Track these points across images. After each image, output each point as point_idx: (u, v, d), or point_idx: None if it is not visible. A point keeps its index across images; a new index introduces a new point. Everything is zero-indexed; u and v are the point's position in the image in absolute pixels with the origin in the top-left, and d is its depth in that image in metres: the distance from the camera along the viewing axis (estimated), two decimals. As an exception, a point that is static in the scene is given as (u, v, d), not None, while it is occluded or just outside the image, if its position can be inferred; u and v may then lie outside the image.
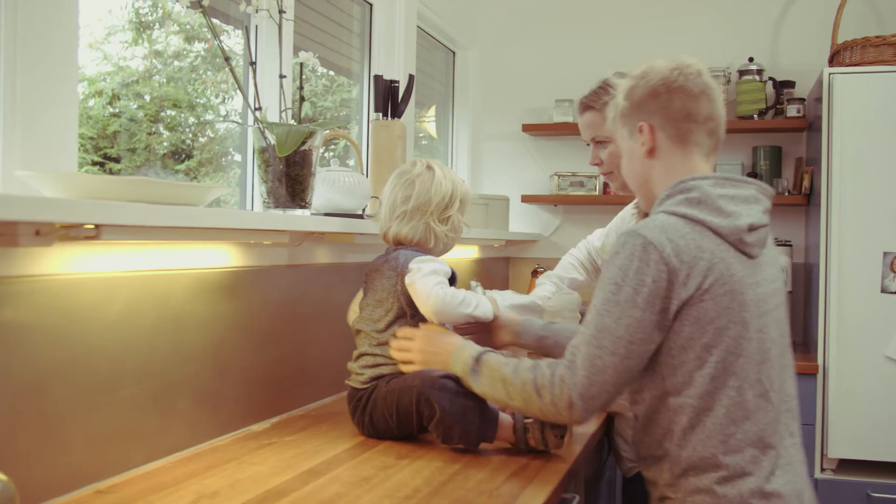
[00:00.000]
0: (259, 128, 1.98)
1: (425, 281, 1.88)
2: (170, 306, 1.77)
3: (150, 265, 1.71)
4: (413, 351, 1.89)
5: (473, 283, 2.14)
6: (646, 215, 1.81)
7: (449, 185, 2.03)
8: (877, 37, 3.44)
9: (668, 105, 1.73)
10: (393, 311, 1.95)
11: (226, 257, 1.96)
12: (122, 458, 1.64)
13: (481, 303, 1.96)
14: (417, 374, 1.87)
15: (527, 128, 4.39)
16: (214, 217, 1.64)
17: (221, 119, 2.53)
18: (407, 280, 1.91)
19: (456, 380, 1.82)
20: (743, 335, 1.61)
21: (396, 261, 1.96)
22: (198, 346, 1.86)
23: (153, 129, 2.30)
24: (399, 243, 2.03)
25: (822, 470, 3.42)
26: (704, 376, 1.60)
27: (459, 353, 1.83)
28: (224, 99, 2.51)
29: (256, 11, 2.05)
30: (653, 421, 1.68)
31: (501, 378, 1.72)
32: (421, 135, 4.21)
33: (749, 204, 1.69)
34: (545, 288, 2.55)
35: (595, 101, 2.16)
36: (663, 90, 1.73)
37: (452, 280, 1.97)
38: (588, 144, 2.24)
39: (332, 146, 3.24)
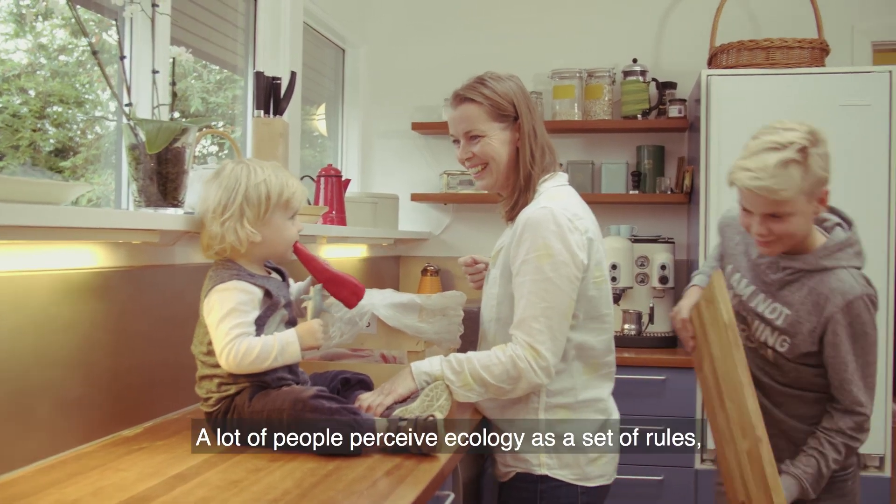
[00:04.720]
0: (129, 124, 1.93)
1: (218, 334, 1.79)
2: (30, 308, 1.70)
3: (6, 266, 1.64)
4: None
5: (314, 290, 2.03)
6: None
7: (233, 182, 1.86)
8: (750, 41, 3.56)
9: None
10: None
11: (92, 257, 1.89)
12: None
13: (285, 349, 1.82)
14: (286, 394, 1.80)
15: (416, 126, 4.39)
16: (71, 216, 1.57)
17: (94, 116, 2.45)
18: (205, 319, 1.83)
19: (327, 396, 1.78)
20: None
21: (206, 281, 1.88)
22: (62, 350, 1.79)
23: (38, 126, 2.22)
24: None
25: (703, 461, 3.53)
26: None
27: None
28: (112, 95, 2.43)
29: (131, 2, 2.00)
30: None
31: None
32: (315, 134, 4.17)
33: None
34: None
35: (473, 93, 2.10)
36: None
37: (270, 294, 1.87)
38: (455, 141, 2.18)
39: (224, 144, 3.18)
